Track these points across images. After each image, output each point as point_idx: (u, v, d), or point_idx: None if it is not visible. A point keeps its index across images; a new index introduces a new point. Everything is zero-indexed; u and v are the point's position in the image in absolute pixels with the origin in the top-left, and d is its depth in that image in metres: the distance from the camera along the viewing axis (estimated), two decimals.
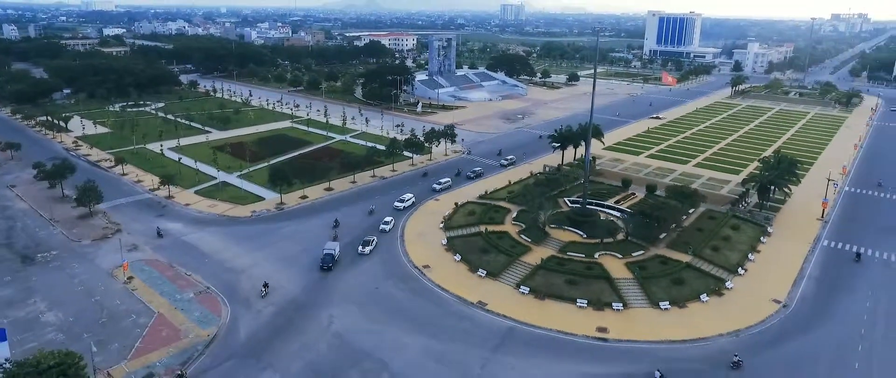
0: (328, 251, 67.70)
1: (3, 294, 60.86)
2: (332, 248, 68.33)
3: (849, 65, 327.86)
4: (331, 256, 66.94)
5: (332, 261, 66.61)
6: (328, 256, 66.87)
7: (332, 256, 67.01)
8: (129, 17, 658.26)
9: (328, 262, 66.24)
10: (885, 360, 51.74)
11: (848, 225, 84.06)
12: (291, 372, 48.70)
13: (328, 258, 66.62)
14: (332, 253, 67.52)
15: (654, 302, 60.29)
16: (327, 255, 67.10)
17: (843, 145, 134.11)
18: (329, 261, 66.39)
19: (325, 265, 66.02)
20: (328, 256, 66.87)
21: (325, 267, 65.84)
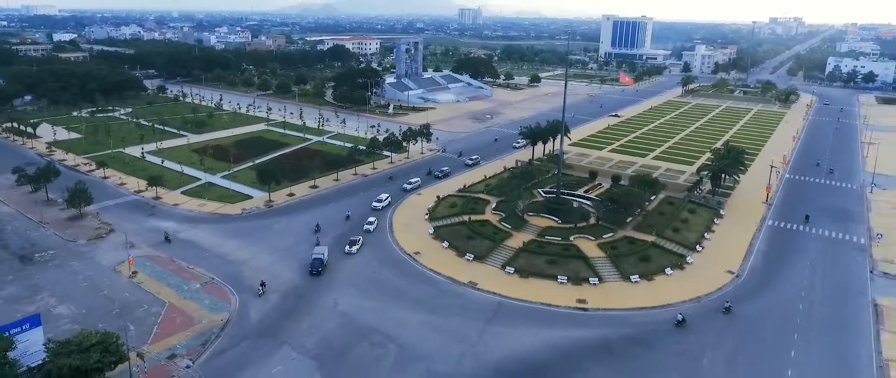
0: (317, 256, 67.96)
1: (9, 291, 62.50)
2: (321, 253, 68.67)
3: (786, 65, 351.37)
4: (320, 261, 67.16)
5: (322, 265, 66.91)
6: (317, 261, 67.10)
7: (321, 261, 67.24)
8: (76, 21, 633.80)
9: (317, 266, 66.56)
10: (822, 315, 60.21)
11: (788, 205, 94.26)
12: (306, 347, 53.01)
13: (317, 263, 66.87)
14: (322, 257, 67.86)
15: (625, 276, 67.37)
16: (316, 259, 67.34)
17: (783, 137, 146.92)
18: (318, 265, 66.63)
19: (314, 270, 66.22)
20: (317, 261, 67.10)
21: (314, 271, 66.10)
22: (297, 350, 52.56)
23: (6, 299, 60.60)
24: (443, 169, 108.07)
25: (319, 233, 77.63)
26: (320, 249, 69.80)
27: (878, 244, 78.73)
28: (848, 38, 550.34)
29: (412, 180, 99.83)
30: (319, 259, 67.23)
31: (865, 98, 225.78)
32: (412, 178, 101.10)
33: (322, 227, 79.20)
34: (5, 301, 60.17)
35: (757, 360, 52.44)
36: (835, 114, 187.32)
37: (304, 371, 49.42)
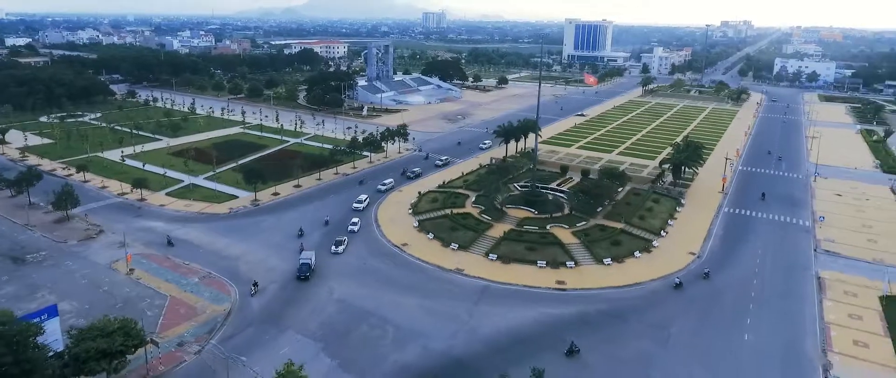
0: (305, 261, 67.75)
1: (7, 290, 63.70)
2: (309, 258, 68.43)
3: (737, 66, 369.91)
4: (307, 266, 66.91)
5: (309, 270, 66.65)
6: (305, 266, 66.88)
7: (308, 266, 66.99)
8: (25, 25, 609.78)
9: (305, 271, 66.21)
10: (773, 287, 67.29)
11: (742, 193, 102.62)
12: (309, 330, 56.56)
13: (305, 268, 66.59)
14: (309, 262, 67.65)
15: (598, 259, 73.22)
16: (304, 264, 67.10)
17: (736, 133, 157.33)
18: (306, 270, 66.35)
19: (302, 275, 65.84)
20: (305, 266, 66.88)
21: (302, 276, 65.75)
22: (301, 333, 56.05)
23: (6, 298, 61.78)
24: (414, 170, 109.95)
25: (303, 237, 77.77)
26: (307, 254, 69.51)
27: (820, 226, 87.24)
28: (793, 40, 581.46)
29: (386, 181, 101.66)
30: (307, 264, 67.07)
31: (809, 96, 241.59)
32: (386, 179, 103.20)
33: (305, 231, 79.53)
34: (5, 299, 61.31)
35: (718, 326, 58.84)
36: (782, 111, 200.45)
37: (309, 351, 52.95)
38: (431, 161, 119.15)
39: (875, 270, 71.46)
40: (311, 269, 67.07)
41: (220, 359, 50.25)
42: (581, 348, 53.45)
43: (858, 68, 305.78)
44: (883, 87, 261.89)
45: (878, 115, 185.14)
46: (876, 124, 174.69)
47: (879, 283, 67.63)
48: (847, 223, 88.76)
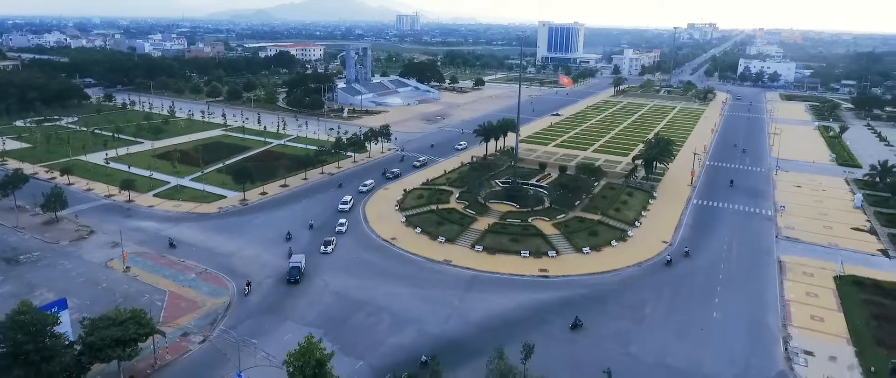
0: (295, 265, 67.80)
1: (5, 289, 64.73)
2: (299, 261, 68.53)
3: (704, 67, 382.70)
4: (297, 269, 67.10)
5: (300, 273, 66.81)
6: (295, 269, 67.05)
7: (298, 269, 67.18)
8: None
9: (295, 275, 66.43)
10: (739, 270, 72.62)
11: (711, 186, 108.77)
12: (308, 319, 59.31)
13: (295, 271, 66.78)
14: (299, 265, 67.74)
15: (578, 249, 77.59)
16: (294, 268, 67.19)
17: (703, 130, 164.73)
18: (296, 273, 66.57)
19: (292, 278, 66.04)
20: (295, 269, 67.05)
21: (292, 280, 65.97)
22: (301, 323, 58.72)
23: (5, 297, 62.86)
24: (393, 170, 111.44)
25: (291, 240, 78.08)
26: (297, 258, 69.71)
27: (781, 215, 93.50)
28: (756, 42, 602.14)
29: (366, 182, 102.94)
30: (297, 268, 67.26)
31: (771, 95, 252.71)
32: (367, 180, 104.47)
33: (292, 235, 79.90)
34: (4, 298, 62.37)
35: (689, 304, 63.68)
36: (746, 109, 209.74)
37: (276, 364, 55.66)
38: (408, 162, 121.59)
39: (830, 254, 77.51)
40: (302, 272, 67.30)
41: (230, 343, 52.75)
42: (560, 330, 57.61)
43: (817, 69, 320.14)
44: (839, 87, 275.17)
45: (834, 113, 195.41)
46: (832, 121, 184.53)
47: (833, 264, 73.54)
48: (805, 212, 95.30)
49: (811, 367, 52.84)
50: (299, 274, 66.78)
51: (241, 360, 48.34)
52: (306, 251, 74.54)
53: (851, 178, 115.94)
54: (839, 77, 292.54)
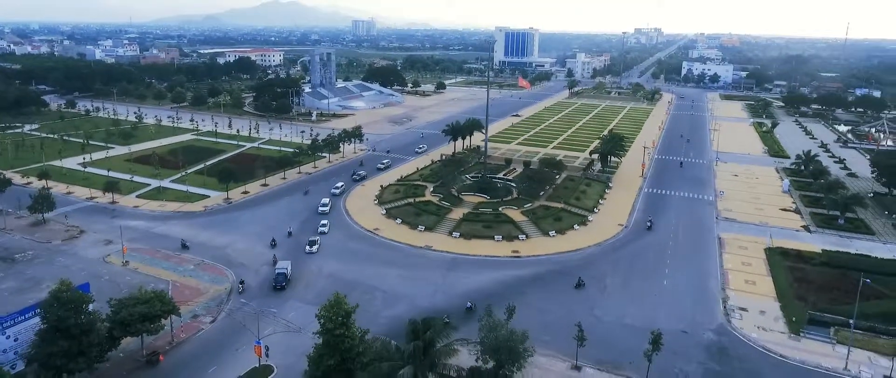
0: (281, 271, 68.33)
1: (8, 285, 67.40)
2: (285, 268, 69.05)
3: (651, 69, 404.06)
4: (283, 275, 67.52)
5: (286, 280, 67.30)
6: (281, 276, 67.49)
7: (284, 275, 67.59)
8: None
9: (281, 281, 66.84)
10: (685, 245, 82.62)
11: (659, 176, 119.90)
12: (308, 298, 64.93)
13: (281, 278, 67.22)
14: (285, 272, 68.22)
15: (545, 232, 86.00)
16: (280, 274, 67.71)
17: (651, 127, 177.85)
18: (282, 280, 67.02)
19: (278, 285, 66.44)
20: (281, 276, 67.49)
21: (278, 286, 66.31)
22: (302, 301, 64.38)
23: (10, 291, 65.79)
24: (360, 172, 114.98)
25: (276, 248, 78.36)
26: (283, 264, 70.24)
27: (720, 199, 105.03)
28: (698, 46, 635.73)
29: (337, 185, 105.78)
30: (283, 274, 67.77)
31: (712, 95, 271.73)
32: (338, 182, 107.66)
33: (276, 241, 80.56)
34: (9, 293, 65.38)
35: (643, 274, 72.87)
36: (689, 108, 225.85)
37: (313, 314, 61.48)
38: (375, 162, 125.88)
39: (761, 230, 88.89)
40: (288, 278, 67.71)
41: (249, 315, 58.02)
42: (536, 300, 65.50)
43: (752, 70, 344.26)
44: (772, 87, 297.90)
45: (766, 110, 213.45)
46: (765, 118, 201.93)
47: (764, 239, 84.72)
48: (741, 196, 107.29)
49: (745, 320, 62.60)
50: (285, 280, 67.31)
51: (259, 328, 53.83)
52: (291, 250, 77.46)
53: (780, 167, 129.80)
54: (772, 78, 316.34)
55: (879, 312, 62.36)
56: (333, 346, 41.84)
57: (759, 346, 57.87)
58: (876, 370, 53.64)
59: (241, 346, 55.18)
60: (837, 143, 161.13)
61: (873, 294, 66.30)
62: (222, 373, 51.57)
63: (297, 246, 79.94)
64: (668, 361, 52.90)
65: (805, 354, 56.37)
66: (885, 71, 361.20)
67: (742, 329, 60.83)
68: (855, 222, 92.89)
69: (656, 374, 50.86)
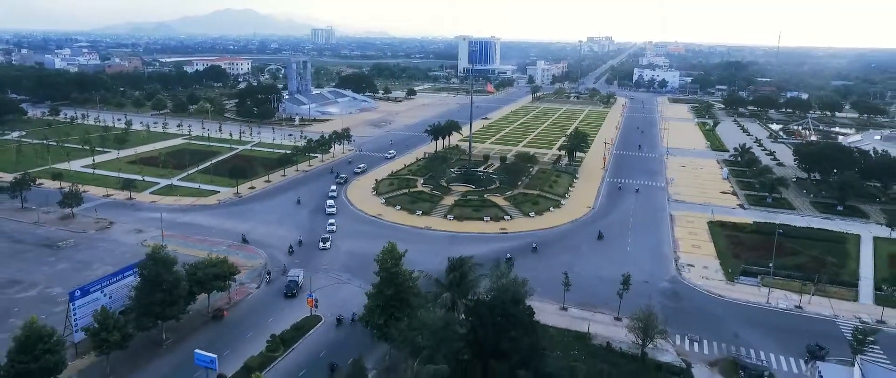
0: (293, 278, 69.54)
1: (62, 267, 75.99)
2: (297, 275, 70.07)
3: (605, 75, 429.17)
4: (295, 283, 68.58)
5: (297, 287, 68.02)
6: (293, 283, 68.59)
7: (296, 283, 68.58)
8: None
9: (292, 288, 67.80)
10: (643, 221, 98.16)
11: (618, 168, 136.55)
12: (335, 270, 76.34)
13: (292, 285, 68.28)
14: (297, 279, 69.09)
15: (526, 214, 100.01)
16: (292, 281, 68.85)
17: (609, 127, 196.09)
18: (293, 287, 68.01)
19: (289, 292, 67.46)
20: (293, 283, 68.59)
21: (289, 293, 67.41)
22: (332, 271, 75.83)
23: (66, 271, 74.50)
24: (342, 175, 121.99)
25: (293, 253, 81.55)
26: (296, 272, 71.93)
27: (671, 185, 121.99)
28: (647, 53, 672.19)
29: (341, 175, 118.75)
30: (295, 281, 69.20)
31: (661, 99, 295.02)
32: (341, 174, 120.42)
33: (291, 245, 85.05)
34: (67, 272, 74.12)
35: (610, 244, 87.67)
36: (641, 110, 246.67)
37: (344, 278, 73.18)
38: (377, 157, 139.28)
39: (704, 208, 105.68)
40: (299, 286, 68.78)
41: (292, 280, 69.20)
42: (525, 262, 78.96)
43: (696, 76, 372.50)
44: (714, 91, 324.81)
45: (709, 112, 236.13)
46: (708, 118, 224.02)
47: (707, 215, 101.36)
48: (688, 182, 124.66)
49: (692, 273, 78.05)
50: (296, 287, 68.21)
51: (312, 283, 65.19)
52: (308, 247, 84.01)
53: (721, 159, 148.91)
54: (714, 83, 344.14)
55: (793, 264, 79.24)
56: (390, 281, 53.97)
57: (703, 290, 73.30)
58: (789, 302, 69.74)
59: (291, 303, 66.31)
60: (769, 139, 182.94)
61: (790, 251, 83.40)
62: (278, 323, 62.50)
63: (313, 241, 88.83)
64: (633, 302, 66.83)
65: (738, 294, 72.10)
66: (812, 76, 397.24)
67: (690, 279, 76.23)
68: (780, 200, 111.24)
69: (626, 310, 65.00)
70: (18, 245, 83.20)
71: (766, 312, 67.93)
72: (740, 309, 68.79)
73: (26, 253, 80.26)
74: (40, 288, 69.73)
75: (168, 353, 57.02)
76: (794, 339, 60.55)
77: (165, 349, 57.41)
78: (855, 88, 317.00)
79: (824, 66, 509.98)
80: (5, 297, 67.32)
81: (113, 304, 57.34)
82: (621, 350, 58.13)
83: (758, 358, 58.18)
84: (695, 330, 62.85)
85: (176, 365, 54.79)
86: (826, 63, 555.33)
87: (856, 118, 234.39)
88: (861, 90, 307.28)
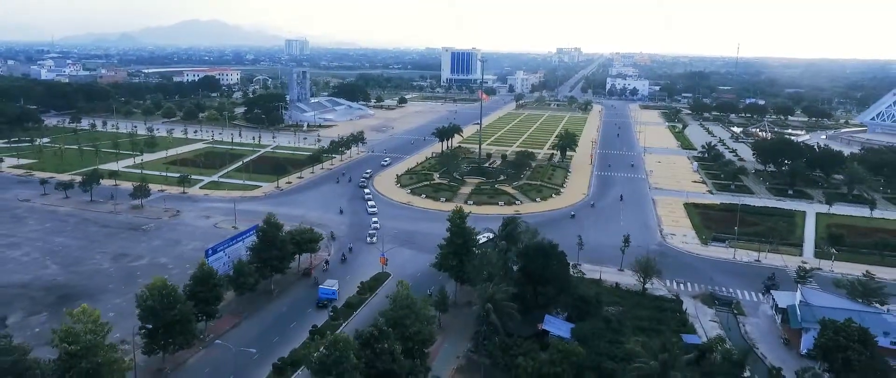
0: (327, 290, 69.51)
1: (157, 243, 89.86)
2: (332, 287, 70.01)
3: (579, 84, 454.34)
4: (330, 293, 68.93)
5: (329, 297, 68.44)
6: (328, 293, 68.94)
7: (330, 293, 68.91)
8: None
9: (324, 300, 68.19)
10: (631, 204, 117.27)
11: (603, 164, 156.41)
12: (389, 242, 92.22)
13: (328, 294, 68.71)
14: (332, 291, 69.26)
15: (532, 200, 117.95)
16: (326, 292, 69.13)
17: (591, 130, 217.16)
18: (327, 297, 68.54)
19: (320, 303, 68.02)
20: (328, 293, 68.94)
21: (320, 304, 67.93)
22: (387, 243, 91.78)
23: (163, 246, 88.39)
24: (386, 159, 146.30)
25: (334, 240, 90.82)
26: (331, 281, 72.26)
27: (650, 176, 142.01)
28: (615, 64, 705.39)
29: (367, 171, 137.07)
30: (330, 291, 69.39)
31: (633, 106, 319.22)
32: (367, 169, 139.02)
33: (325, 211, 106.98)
34: (164, 246, 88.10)
35: (606, 220, 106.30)
36: (616, 116, 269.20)
37: (397, 245, 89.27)
38: (377, 161, 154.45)
39: (680, 194, 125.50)
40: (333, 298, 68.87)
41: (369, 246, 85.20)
42: (542, 232, 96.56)
43: (664, 85, 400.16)
44: (680, 98, 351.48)
45: (677, 116, 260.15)
46: (677, 122, 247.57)
47: (682, 199, 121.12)
48: (664, 174, 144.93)
49: (674, 239, 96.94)
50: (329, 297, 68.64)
51: (383, 245, 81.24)
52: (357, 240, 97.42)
53: (690, 156, 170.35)
54: (680, 91, 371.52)
55: (753, 232, 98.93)
56: (458, 233, 70.60)
57: (684, 251, 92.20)
58: (750, 258, 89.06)
59: (359, 267, 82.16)
60: (731, 139, 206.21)
61: (751, 223, 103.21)
62: (355, 278, 78.10)
63: (360, 230, 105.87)
64: (631, 258, 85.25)
65: (710, 253, 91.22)
66: (768, 84, 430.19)
67: (673, 243, 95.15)
68: (741, 187, 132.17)
69: (626, 264, 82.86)
70: (108, 229, 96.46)
71: (733, 264, 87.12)
72: (713, 262, 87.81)
73: (119, 234, 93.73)
74: (148, 259, 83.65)
75: (277, 299, 72.24)
76: (754, 281, 79.57)
77: (275, 296, 72.62)
78: (805, 95, 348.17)
79: (779, 75, 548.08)
80: (123, 265, 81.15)
81: (230, 261, 72.25)
82: (627, 288, 76.04)
83: (728, 292, 76.90)
84: (680, 276, 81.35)
85: (289, 304, 70.21)
86: (781, 73, 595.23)
87: (806, 121, 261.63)
88: (811, 97, 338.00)
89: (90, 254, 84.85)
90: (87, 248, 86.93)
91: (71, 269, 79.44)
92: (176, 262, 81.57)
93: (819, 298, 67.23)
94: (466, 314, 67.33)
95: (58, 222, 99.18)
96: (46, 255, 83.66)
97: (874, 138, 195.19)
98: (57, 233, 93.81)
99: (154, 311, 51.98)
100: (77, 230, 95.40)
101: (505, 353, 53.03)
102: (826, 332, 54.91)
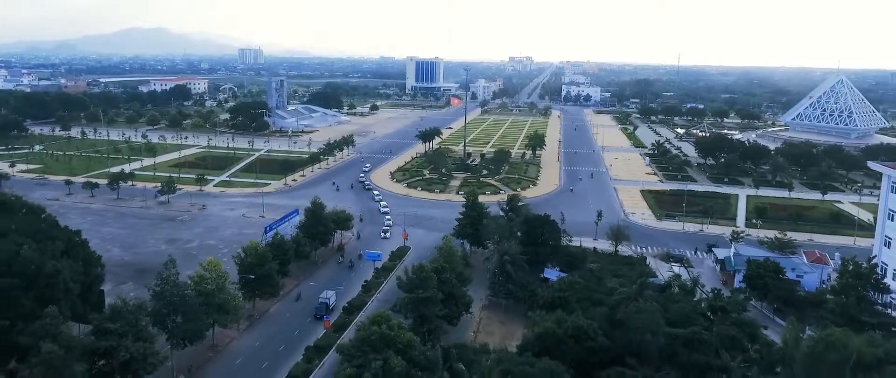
0: (324, 300, 68.48)
1: (198, 230, 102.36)
2: (329, 297, 69.21)
3: (536, 91, 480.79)
4: (325, 305, 67.61)
5: (326, 309, 66.98)
6: (323, 305, 67.61)
7: (326, 305, 67.69)
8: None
9: (321, 311, 66.76)
10: (596, 192, 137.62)
11: (569, 161, 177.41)
12: (402, 224, 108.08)
13: (322, 307, 67.34)
14: (328, 302, 68.19)
15: (513, 189, 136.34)
16: (322, 304, 67.90)
17: (553, 132, 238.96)
18: (323, 309, 66.98)
19: (318, 314, 66.38)
20: (323, 305, 67.61)
21: (318, 316, 66.30)
22: (397, 224, 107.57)
23: (204, 232, 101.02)
24: (367, 164, 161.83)
25: (353, 188, 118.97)
26: (328, 293, 71.14)
27: (609, 170, 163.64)
28: (566, 72, 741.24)
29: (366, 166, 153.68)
30: (325, 304, 68.35)
31: (587, 111, 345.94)
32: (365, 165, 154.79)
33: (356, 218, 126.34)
34: (206, 233, 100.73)
35: (578, 203, 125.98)
36: (573, 120, 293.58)
37: (411, 225, 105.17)
38: (377, 158, 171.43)
39: (636, 183, 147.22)
40: (329, 308, 67.97)
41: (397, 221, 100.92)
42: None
43: (614, 91, 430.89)
44: (629, 103, 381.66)
45: (628, 119, 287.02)
46: (628, 124, 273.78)
47: (638, 187, 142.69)
48: (622, 168, 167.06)
49: (635, 217, 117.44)
50: (326, 310, 67.33)
51: (405, 224, 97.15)
52: (372, 235, 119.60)
53: (642, 153, 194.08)
54: (628, 97, 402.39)
55: (697, 211, 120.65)
56: (473, 207, 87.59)
57: (643, 225, 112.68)
58: (696, 228, 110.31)
59: (381, 245, 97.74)
60: (676, 138, 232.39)
61: (695, 204, 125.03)
62: (385, 249, 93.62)
63: (373, 230, 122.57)
64: (602, 230, 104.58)
65: (665, 226, 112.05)
66: (706, 91, 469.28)
67: (635, 220, 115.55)
68: (686, 177, 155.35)
69: (600, 234, 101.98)
70: (147, 220, 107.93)
71: (683, 233, 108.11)
72: (667, 233, 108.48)
73: (160, 225, 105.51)
74: (198, 242, 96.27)
75: (321, 268, 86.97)
76: (700, 244, 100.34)
77: (318, 266, 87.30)
78: (739, 100, 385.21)
79: (716, 82, 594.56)
80: (178, 246, 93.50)
81: (282, 237, 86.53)
82: (602, 251, 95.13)
83: (680, 251, 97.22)
84: (642, 243, 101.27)
85: (334, 269, 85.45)
86: (718, 80, 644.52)
87: (739, 122, 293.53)
88: (744, 101, 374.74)
89: (143, 239, 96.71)
90: (138, 236, 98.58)
91: (132, 250, 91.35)
92: (224, 243, 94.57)
93: (747, 251, 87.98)
94: (481, 271, 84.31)
95: (97, 217, 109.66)
96: (105, 242, 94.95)
97: (794, 135, 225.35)
98: (101, 225, 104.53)
99: (252, 266, 66.37)
100: (119, 222, 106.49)
101: (523, 289, 70.37)
102: (751, 268, 75.15)
